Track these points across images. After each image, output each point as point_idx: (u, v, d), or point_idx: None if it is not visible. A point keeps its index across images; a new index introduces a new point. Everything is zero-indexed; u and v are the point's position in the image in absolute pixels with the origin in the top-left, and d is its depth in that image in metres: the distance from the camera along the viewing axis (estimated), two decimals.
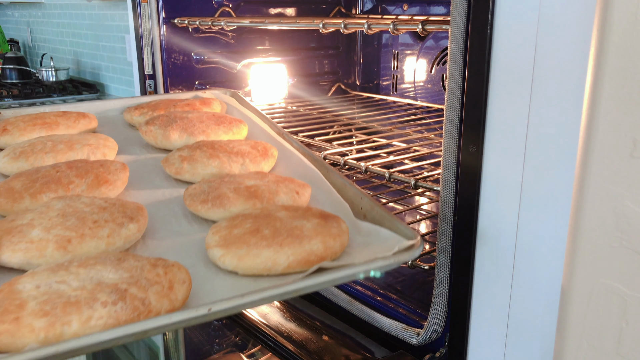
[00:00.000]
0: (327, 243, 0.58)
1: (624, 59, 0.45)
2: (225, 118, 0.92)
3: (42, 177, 0.69)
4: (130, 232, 0.60)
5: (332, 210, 0.69)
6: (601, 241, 0.49)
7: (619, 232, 0.48)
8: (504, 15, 0.62)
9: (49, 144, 0.80)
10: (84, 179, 0.70)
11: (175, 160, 0.78)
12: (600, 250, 0.49)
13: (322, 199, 0.74)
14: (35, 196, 0.66)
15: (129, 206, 0.64)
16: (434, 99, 1.58)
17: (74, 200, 0.63)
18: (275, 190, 0.68)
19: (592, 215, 0.49)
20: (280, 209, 0.63)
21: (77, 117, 0.94)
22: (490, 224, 0.68)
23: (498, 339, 0.70)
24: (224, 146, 0.80)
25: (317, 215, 0.62)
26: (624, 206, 0.47)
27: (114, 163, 0.75)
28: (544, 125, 0.61)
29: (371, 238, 0.63)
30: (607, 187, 0.48)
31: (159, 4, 1.33)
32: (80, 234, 0.57)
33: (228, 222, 0.61)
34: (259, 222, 0.60)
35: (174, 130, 0.87)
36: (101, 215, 0.60)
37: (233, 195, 0.67)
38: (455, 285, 0.74)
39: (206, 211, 0.66)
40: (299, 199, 0.70)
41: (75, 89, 2.85)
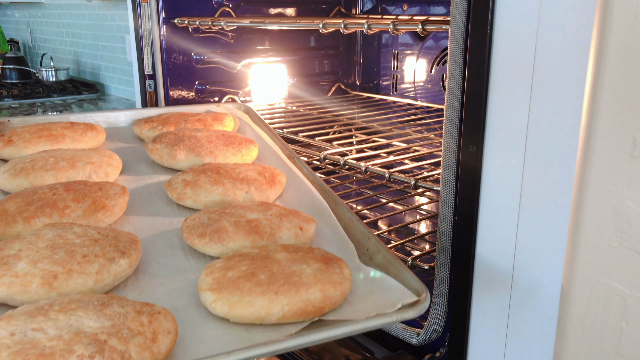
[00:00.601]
0: (326, 292, 0.54)
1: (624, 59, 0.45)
2: (235, 138, 0.89)
3: (38, 199, 0.67)
4: (121, 269, 0.57)
5: (336, 249, 0.66)
6: (601, 241, 0.49)
7: (619, 232, 0.48)
8: (504, 15, 0.62)
9: (50, 160, 0.78)
10: (81, 203, 0.67)
11: (178, 185, 0.75)
12: (600, 250, 0.49)
13: (327, 234, 0.70)
14: (28, 220, 0.64)
15: (122, 238, 0.61)
16: (434, 99, 1.58)
17: (66, 229, 0.60)
18: (277, 226, 0.65)
19: (592, 215, 0.49)
20: (280, 249, 0.60)
21: (84, 129, 0.92)
22: (490, 224, 0.68)
23: (498, 339, 0.70)
24: (229, 171, 0.77)
25: (318, 258, 0.58)
26: (624, 206, 0.47)
27: (114, 187, 0.72)
28: (544, 125, 0.61)
29: (375, 285, 0.59)
30: (607, 187, 0.48)
31: (159, 4, 1.33)
32: (67, 270, 0.54)
33: (223, 262, 0.58)
34: (256, 265, 0.56)
35: (181, 150, 0.84)
36: (91, 249, 0.57)
37: (233, 229, 0.63)
38: (455, 285, 0.74)
39: (203, 246, 0.63)
40: (302, 236, 0.66)
41: (75, 89, 2.85)
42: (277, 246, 0.60)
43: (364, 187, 1.39)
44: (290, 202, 0.77)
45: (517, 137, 0.63)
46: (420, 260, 0.89)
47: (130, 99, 2.71)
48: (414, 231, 1.32)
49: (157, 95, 1.39)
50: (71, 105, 2.59)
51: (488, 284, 0.70)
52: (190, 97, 1.46)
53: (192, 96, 1.46)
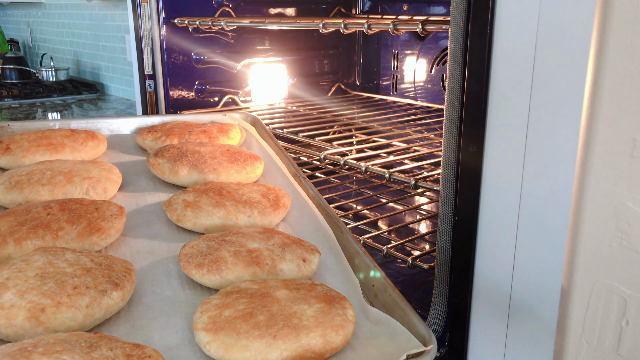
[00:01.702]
0: (327, 337, 0.51)
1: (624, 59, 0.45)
2: (240, 155, 0.86)
3: (32, 219, 0.64)
4: (113, 302, 0.54)
5: (340, 283, 0.63)
6: (601, 241, 0.49)
7: (619, 232, 0.48)
8: (504, 15, 0.62)
9: (47, 173, 0.75)
10: (75, 225, 0.65)
11: (178, 206, 0.72)
12: (600, 250, 0.49)
13: (331, 265, 0.67)
14: (20, 242, 0.62)
15: (116, 267, 0.58)
16: (434, 99, 1.58)
17: (58, 256, 0.57)
18: (279, 257, 0.62)
19: (592, 215, 0.49)
20: (280, 285, 0.57)
21: (85, 138, 0.89)
22: (490, 224, 0.68)
23: (498, 339, 0.70)
24: (232, 192, 0.74)
25: (320, 297, 0.55)
26: (624, 206, 0.47)
27: (111, 207, 0.70)
28: (544, 125, 0.61)
29: (380, 328, 0.56)
30: (607, 187, 0.48)
31: (159, 4, 1.33)
32: (56, 303, 0.51)
33: (220, 298, 0.55)
34: (254, 304, 0.53)
35: (183, 166, 0.82)
36: (83, 280, 0.54)
37: (232, 260, 0.61)
38: (455, 285, 0.74)
39: (201, 277, 0.61)
40: (305, 268, 0.63)
41: (75, 89, 2.85)
42: (277, 282, 0.58)
43: (364, 187, 1.39)
44: (294, 227, 0.75)
45: (517, 137, 0.63)
46: (420, 260, 0.89)
47: (130, 99, 2.71)
48: (414, 231, 1.32)
49: (157, 95, 1.39)
50: (71, 105, 2.59)
51: (488, 284, 0.70)
52: (190, 97, 1.46)
53: (192, 96, 1.46)
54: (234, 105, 1.53)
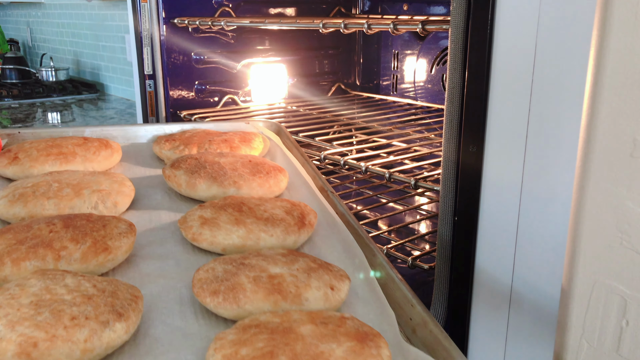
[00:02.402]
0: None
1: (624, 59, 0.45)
2: (263, 167, 0.79)
3: (32, 237, 0.59)
4: (115, 335, 0.49)
5: (373, 314, 0.56)
6: (601, 241, 0.49)
7: (619, 232, 0.48)
8: (504, 15, 0.62)
9: (54, 186, 0.70)
10: (80, 244, 0.59)
11: (194, 223, 0.66)
12: (600, 250, 0.49)
13: (362, 293, 0.59)
14: (17, 263, 0.57)
15: (120, 294, 0.52)
16: (434, 99, 1.58)
17: (57, 280, 0.52)
18: (304, 284, 0.56)
19: (592, 215, 0.49)
20: (305, 319, 0.50)
21: (97, 147, 0.83)
22: (490, 224, 0.68)
23: (498, 339, 0.70)
24: (253, 208, 0.68)
25: (351, 334, 0.48)
26: (624, 206, 0.47)
27: (120, 223, 0.64)
28: (544, 125, 0.61)
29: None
30: (607, 187, 0.48)
31: (158, 4, 1.33)
32: (50, 336, 0.46)
33: (237, 334, 0.49)
34: (275, 341, 0.47)
35: (201, 179, 0.76)
36: (82, 309, 0.49)
37: (251, 287, 0.54)
38: (455, 285, 0.74)
39: (215, 306, 0.54)
40: (333, 297, 0.56)
41: (75, 89, 2.85)
42: (301, 315, 0.51)
43: (364, 187, 1.39)
44: (320, 248, 0.68)
45: (517, 137, 0.63)
46: (420, 260, 0.89)
47: (130, 99, 2.71)
48: (414, 231, 1.32)
49: (157, 95, 1.39)
50: (71, 105, 2.59)
51: (488, 283, 0.70)
52: (190, 97, 1.46)
53: (192, 96, 1.46)
54: (234, 105, 1.53)
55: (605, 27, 0.45)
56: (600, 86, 0.46)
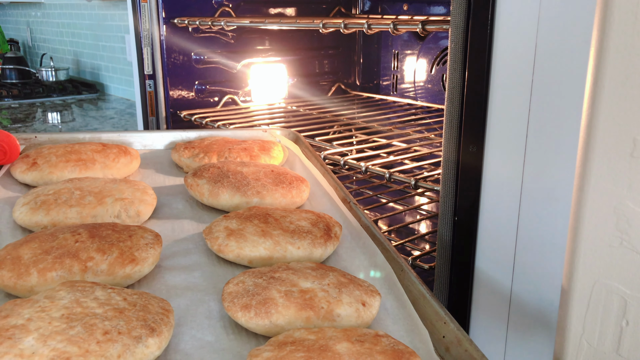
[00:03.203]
0: None
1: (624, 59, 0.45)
2: (285, 177, 0.79)
3: (58, 246, 0.58)
4: (149, 351, 0.48)
5: (404, 332, 0.55)
6: (601, 241, 0.49)
7: (619, 232, 0.48)
8: (504, 15, 0.62)
9: (76, 193, 0.69)
10: (106, 255, 0.58)
11: (219, 234, 0.65)
12: (600, 250, 0.49)
13: (392, 309, 0.58)
14: (44, 274, 0.56)
15: (152, 308, 0.51)
16: (434, 99, 1.58)
17: (87, 293, 0.51)
18: (336, 300, 0.55)
19: (592, 215, 0.49)
20: (340, 337, 0.49)
21: (117, 154, 0.83)
22: (490, 224, 0.68)
23: (498, 338, 0.70)
24: (279, 220, 0.67)
25: (388, 353, 0.47)
26: (624, 206, 0.47)
27: (146, 234, 0.63)
28: (544, 125, 0.61)
29: None
30: (607, 187, 0.48)
31: (159, 4, 1.33)
32: (83, 351, 0.45)
33: (272, 351, 0.48)
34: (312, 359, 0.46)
35: (225, 188, 0.75)
36: (115, 324, 0.48)
37: (283, 302, 0.54)
38: (455, 285, 0.74)
39: (247, 321, 0.53)
40: (364, 314, 0.55)
41: (75, 89, 2.85)
42: (337, 332, 0.50)
43: (364, 187, 1.39)
44: (346, 261, 0.67)
45: (517, 137, 0.63)
46: (420, 260, 0.89)
47: (130, 99, 2.71)
48: (414, 231, 1.32)
49: (157, 95, 1.39)
50: (71, 105, 2.59)
51: (488, 283, 0.70)
52: (190, 97, 1.46)
53: (192, 96, 1.46)
54: (234, 105, 1.53)
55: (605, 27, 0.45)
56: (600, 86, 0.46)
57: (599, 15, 0.46)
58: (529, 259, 0.65)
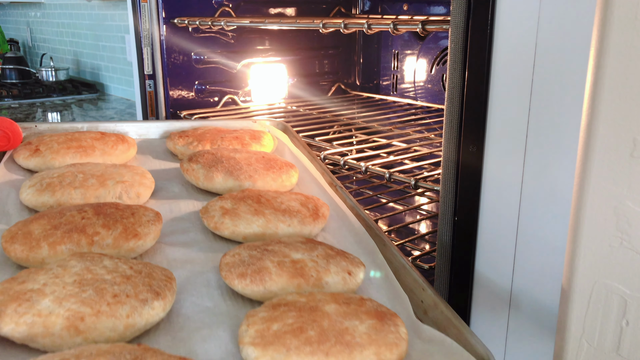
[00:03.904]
0: (381, 355, 0.49)
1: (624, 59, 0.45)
2: (275, 162, 0.84)
3: (65, 222, 0.62)
4: (154, 312, 0.52)
5: (387, 299, 0.60)
6: (601, 241, 0.49)
7: (619, 232, 0.48)
8: (504, 15, 0.62)
9: (79, 176, 0.73)
10: (111, 230, 0.63)
11: (215, 213, 0.70)
12: (600, 250, 0.49)
13: (375, 280, 0.64)
14: (54, 247, 0.60)
15: (156, 275, 0.55)
16: (434, 99, 1.58)
17: (96, 262, 0.55)
18: (324, 269, 0.60)
19: (592, 215, 0.49)
20: (329, 299, 0.54)
21: (115, 141, 0.87)
22: (490, 224, 0.68)
23: (498, 339, 0.70)
24: (271, 200, 0.72)
25: (372, 313, 0.52)
26: (624, 206, 0.47)
27: (147, 212, 0.67)
28: (544, 125, 0.61)
29: (433, 347, 0.53)
30: (607, 187, 0.48)
31: (159, 4, 1.33)
32: (96, 311, 0.49)
33: (267, 311, 0.53)
34: (304, 318, 0.51)
35: (219, 172, 0.80)
36: (123, 288, 0.52)
37: (276, 270, 0.58)
38: (455, 285, 0.74)
39: (243, 288, 0.58)
40: (350, 281, 0.60)
41: (75, 89, 2.85)
42: (325, 296, 0.55)
43: (364, 187, 1.39)
44: (334, 238, 0.72)
45: (517, 137, 0.63)
46: (420, 260, 0.89)
47: (130, 99, 2.71)
48: (414, 231, 1.32)
49: (157, 95, 1.39)
50: (71, 105, 2.59)
51: (488, 284, 0.70)
52: (190, 97, 1.46)
53: (192, 96, 1.46)
54: (234, 105, 1.53)
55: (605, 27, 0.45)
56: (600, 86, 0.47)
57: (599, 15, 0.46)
58: (529, 258, 0.65)
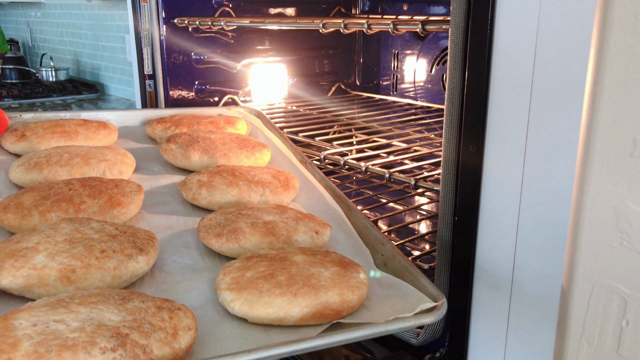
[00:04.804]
0: (344, 296, 0.54)
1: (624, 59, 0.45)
2: (248, 142, 0.89)
3: (54, 194, 0.67)
4: (139, 266, 0.57)
5: (351, 254, 0.66)
6: (601, 241, 0.49)
7: (619, 232, 0.48)
8: (504, 15, 0.62)
9: (65, 156, 0.78)
10: (97, 199, 0.67)
11: (193, 185, 0.75)
12: (600, 250, 0.49)
13: (341, 239, 0.70)
14: (44, 214, 0.64)
15: (139, 235, 0.61)
16: (434, 99, 1.58)
17: (84, 224, 0.60)
18: (294, 229, 0.65)
19: (592, 215, 0.49)
20: (297, 251, 0.60)
21: (97, 127, 0.92)
22: (490, 224, 0.68)
23: (498, 339, 0.70)
24: (244, 173, 0.77)
25: (335, 262, 0.58)
26: (624, 206, 0.47)
27: (129, 184, 0.72)
28: (544, 125, 0.61)
29: (391, 291, 0.59)
30: (607, 187, 0.48)
31: (159, 4, 1.33)
32: (85, 264, 0.54)
33: (241, 262, 0.58)
34: (274, 266, 0.56)
35: (195, 151, 0.85)
36: (110, 245, 0.57)
37: (249, 230, 0.63)
38: (455, 285, 0.74)
39: (220, 246, 0.63)
40: (318, 239, 0.66)
41: (75, 89, 2.85)
42: (294, 248, 0.61)
43: (364, 187, 1.39)
44: (304, 207, 0.77)
45: (517, 137, 0.63)
46: (420, 260, 0.89)
47: (130, 99, 2.71)
48: (414, 231, 1.32)
49: (157, 95, 1.39)
50: (71, 105, 2.59)
51: (488, 284, 0.70)
52: (190, 97, 1.46)
53: (192, 96, 1.46)
54: (234, 105, 1.53)
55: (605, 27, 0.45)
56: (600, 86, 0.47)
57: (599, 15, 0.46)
58: (529, 258, 0.65)
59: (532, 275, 0.65)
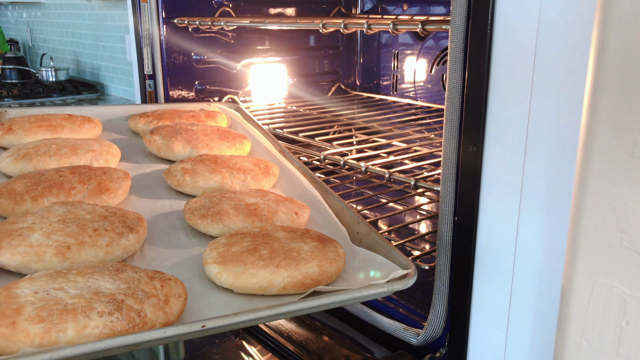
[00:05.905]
0: (323, 267, 0.59)
1: (624, 59, 0.45)
2: (229, 133, 0.93)
3: (45, 180, 0.69)
4: (129, 243, 0.61)
5: (329, 233, 0.70)
6: (601, 241, 0.49)
7: (619, 232, 0.48)
8: (504, 15, 0.62)
9: (53, 147, 0.80)
10: (86, 185, 0.70)
11: (177, 172, 0.78)
12: (600, 250, 0.49)
13: (320, 221, 0.75)
14: (36, 199, 0.67)
15: (129, 216, 0.64)
16: (434, 99, 1.58)
17: (75, 206, 0.63)
18: (274, 210, 0.69)
19: (592, 215, 0.49)
20: (279, 229, 0.64)
21: (82, 121, 0.94)
22: (490, 224, 0.68)
23: (498, 339, 0.70)
24: (226, 161, 0.80)
25: (315, 238, 0.63)
26: (624, 206, 0.47)
27: (117, 171, 0.75)
28: (544, 125, 0.61)
29: (366, 264, 0.64)
30: (607, 187, 0.48)
31: (159, 4, 1.33)
32: (79, 242, 0.57)
33: (226, 238, 0.62)
34: (257, 241, 0.60)
35: (178, 142, 0.88)
36: (101, 224, 0.60)
37: (233, 211, 0.67)
38: (455, 285, 0.74)
39: (205, 226, 0.67)
40: (297, 220, 0.70)
41: (75, 89, 2.84)
42: (276, 226, 0.65)
43: (364, 187, 1.39)
44: (284, 192, 0.82)
45: (517, 137, 0.63)
46: (420, 260, 0.89)
47: (130, 99, 2.71)
48: (414, 231, 1.32)
49: (157, 95, 1.39)
50: (71, 105, 2.59)
51: (488, 284, 0.70)
52: (190, 97, 1.45)
53: (192, 96, 1.46)
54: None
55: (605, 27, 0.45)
56: (600, 86, 0.47)
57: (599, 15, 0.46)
58: (529, 258, 0.65)
59: (532, 276, 0.65)
